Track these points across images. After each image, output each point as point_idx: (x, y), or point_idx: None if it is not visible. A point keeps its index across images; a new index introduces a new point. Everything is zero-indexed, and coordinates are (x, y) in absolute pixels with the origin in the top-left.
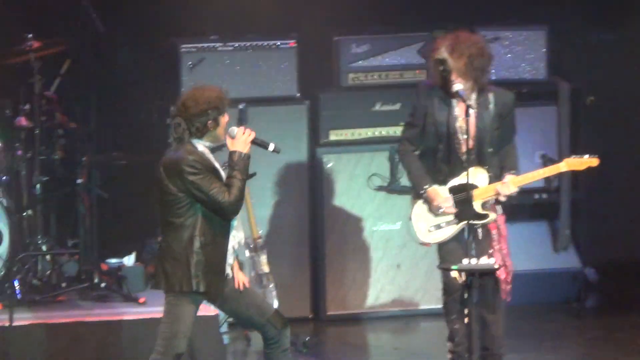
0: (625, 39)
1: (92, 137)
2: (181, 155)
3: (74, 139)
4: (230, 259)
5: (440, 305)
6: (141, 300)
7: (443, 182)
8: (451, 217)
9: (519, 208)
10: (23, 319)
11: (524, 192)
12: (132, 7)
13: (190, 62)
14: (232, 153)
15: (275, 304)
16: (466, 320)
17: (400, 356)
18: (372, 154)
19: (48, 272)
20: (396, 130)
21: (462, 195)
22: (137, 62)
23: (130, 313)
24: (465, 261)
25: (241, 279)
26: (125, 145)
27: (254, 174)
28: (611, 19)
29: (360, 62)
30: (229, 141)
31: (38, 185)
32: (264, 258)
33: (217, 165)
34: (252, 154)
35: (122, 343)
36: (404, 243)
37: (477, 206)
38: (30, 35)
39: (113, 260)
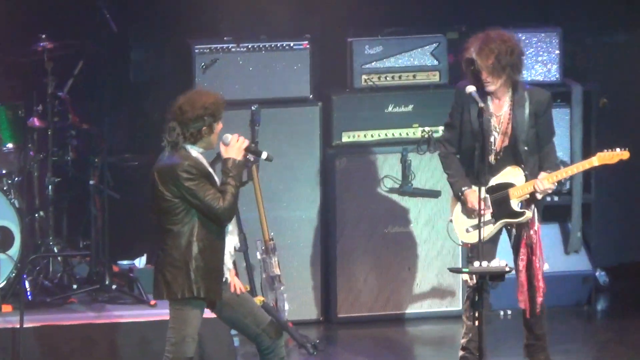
0: (638, 41)
1: (104, 139)
2: (176, 161)
3: (87, 140)
4: (228, 263)
5: (452, 308)
6: (152, 302)
7: (482, 182)
8: (489, 217)
9: None
10: (34, 320)
11: None
12: (145, 8)
13: (203, 63)
14: (226, 160)
15: (286, 307)
16: (476, 322)
17: (411, 358)
18: (385, 156)
19: (59, 273)
20: (408, 132)
21: (499, 194)
22: (150, 62)
23: (142, 315)
24: (476, 264)
25: (237, 284)
26: (137, 146)
27: (247, 182)
28: (624, 20)
29: (373, 63)
30: (222, 148)
31: (50, 187)
32: (275, 260)
33: (211, 170)
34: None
35: (133, 345)
36: (415, 245)
37: (514, 205)
38: (43, 36)
39: (124, 262)
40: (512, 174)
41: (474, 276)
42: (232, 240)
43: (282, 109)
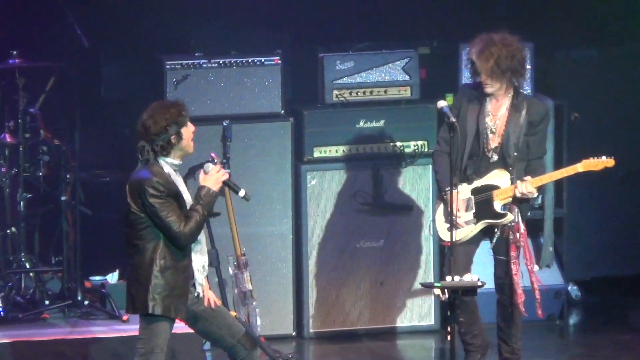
0: (608, 56)
1: (76, 154)
2: (146, 176)
3: (58, 156)
4: (200, 278)
5: (424, 323)
6: (125, 317)
7: (469, 181)
8: (471, 217)
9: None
10: (6, 336)
11: None
12: (117, 24)
13: (175, 79)
14: (201, 187)
15: (258, 322)
16: (449, 337)
17: None
18: (356, 171)
19: (31, 289)
20: (380, 148)
21: (483, 195)
22: (122, 78)
23: (114, 330)
24: (448, 278)
25: (211, 297)
26: (109, 162)
27: (218, 214)
28: (594, 35)
29: (344, 78)
30: (201, 175)
31: (22, 202)
32: (247, 275)
33: (181, 189)
34: (236, 172)
35: None
36: (387, 260)
37: (496, 206)
38: (15, 52)
39: (96, 278)
40: (498, 177)
41: (446, 291)
42: (200, 260)
43: (254, 124)
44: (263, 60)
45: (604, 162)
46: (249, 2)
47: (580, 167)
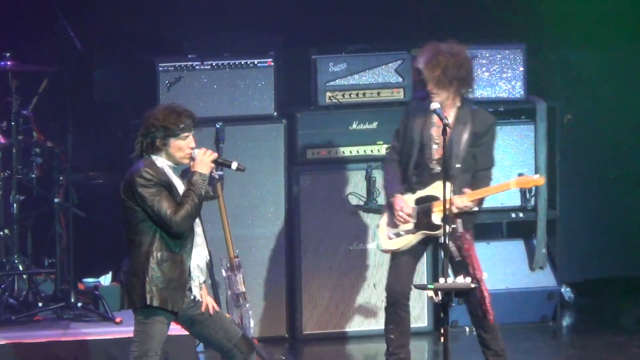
0: (602, 57)
1: (69, 156)
2: (136, 168)
3: (51, 158)
4: (199, 279)
5: (417, 325)
6: (118, 319)
7: (413, 191)
8: (411, 227)
9: (496, 227)
10: None
11: (501, 211)
12: (109, 26)
13: (167, 81)
14: (192, 174)
15: (251, 324)
16: (442, 339)
17: None
18: (349, 173)
19: (24, 291)
20: (373, 149)
21: (424, 206)
22: (114, 81)
23: (107, 332)
24: (441, 280)
25: (210, 302)
26: (102, 164)
27: (214, 197)
28: (588, 37)
29: (337, 80)
30: (191, 164)
31: (15, 204)
32: (240, 277)
33: (174, 181)
34: (229, 174)
35: None
36: (380, 262)
37: (434, 218)
38: (7, 54)
39: (90, 280)
40: (440, 188)
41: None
42: (201, 253)
43: (247, 126)
44: (256, 62)
45: (535, 180)
46: (241, 4)
47: (512, 184)
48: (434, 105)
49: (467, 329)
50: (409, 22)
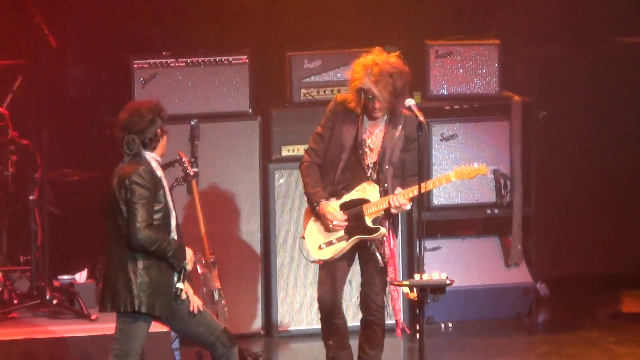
0: (576, 53)
1: (44, 154)
2: (135, 166)
3: (26, 156)
4: (184, 282)
5: (393, 321)
6: (93, 316)
7: (339, 196)
8: (342, 233)
9: (471, 223)
10: None
11: (476, 207)
12: (84, 24)
13: (142, 78)
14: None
15: (227, 320)
16: (417, 336)
17: None
18: None
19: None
20: None
21: (354, 210)
22: (89, 78)
23: (83, 330)
24: (417, 277)
25: (196, 302)
26: (77, 161)
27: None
28: (562, 33)
29: (312, 77)
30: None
31: None
32: (215, 274)
33: (164, 182)
34: (205, 171)
35: None
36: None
37: (368, 221)
38: None
39: (65, 277)
40: (367, 190)
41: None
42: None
43: (222, 123)
44: (231, 59)
45: (477, 169)
46: (216, 0)
47: (452, 175)
48: (409, 101)
49: (443, 325)
50: (384, 18)
